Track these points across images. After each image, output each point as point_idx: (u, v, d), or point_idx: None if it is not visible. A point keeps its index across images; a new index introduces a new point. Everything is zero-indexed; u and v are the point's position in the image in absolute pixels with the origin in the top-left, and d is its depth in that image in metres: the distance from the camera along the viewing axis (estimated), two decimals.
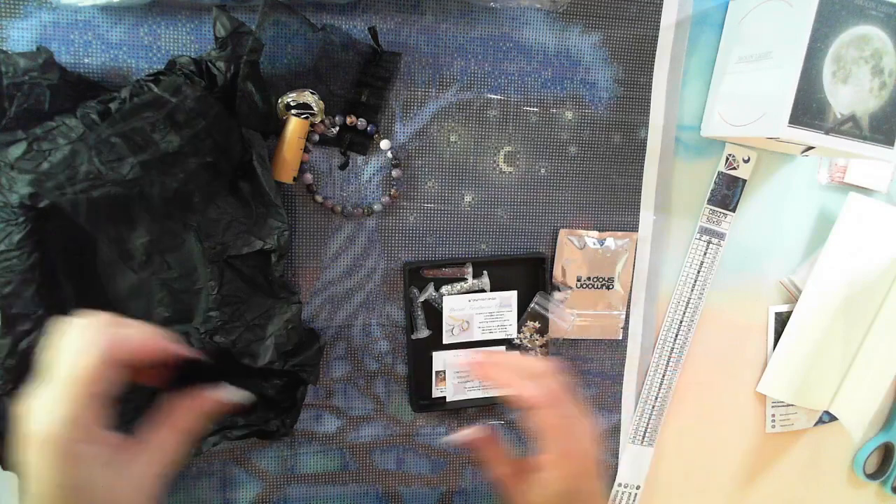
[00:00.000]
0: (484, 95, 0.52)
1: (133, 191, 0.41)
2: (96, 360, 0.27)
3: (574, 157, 0.55)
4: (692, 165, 0.58)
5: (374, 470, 0.55)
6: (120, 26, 0.45)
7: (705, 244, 0.59)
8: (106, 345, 0.28)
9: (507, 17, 0.52)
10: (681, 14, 0.55)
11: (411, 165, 0.52)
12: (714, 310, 0.60)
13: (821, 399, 0.62)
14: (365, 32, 0.48)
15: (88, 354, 0.27)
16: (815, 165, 0.60)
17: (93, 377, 0.27)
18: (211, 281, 0.45)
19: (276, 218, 0.45)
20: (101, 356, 0.28)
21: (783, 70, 0.47)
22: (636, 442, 0.60)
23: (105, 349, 0.28)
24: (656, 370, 0.59)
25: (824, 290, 0.60)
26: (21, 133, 0.40)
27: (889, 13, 0.47)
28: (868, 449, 0.67)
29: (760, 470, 0.65)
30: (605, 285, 0.57)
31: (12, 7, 0.43)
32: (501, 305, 0.55)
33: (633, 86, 0.55)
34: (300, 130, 0.46)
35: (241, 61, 0.42)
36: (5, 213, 0.40)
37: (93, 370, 0.27)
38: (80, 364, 0.27)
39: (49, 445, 0.26)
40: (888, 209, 0.60)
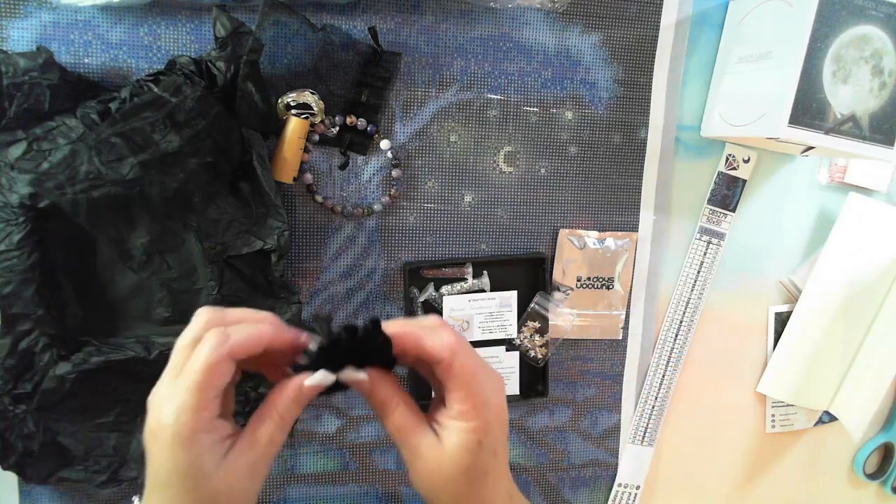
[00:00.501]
0: (484, 95, 0.52)
1: (133, 191, 0.41)
2: (216, 356, 0.29)
3: (574, 157, 0.55)
4: (692, 165, 0.58)
5: (374, 470, 0.55)
6: (120, 26, 0.45)
7: (705, 244, 0.59)
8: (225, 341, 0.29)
9: (507, 17, 0.52)
10: (681, 14, 0.55)
11: (411, 165, 0.52)
12: (714, 310, 0.60)
13: (821, 399, 0.62)
14: (365, 32, 0.48)
15: (209, 350, 0.29)
16: (815, 165, 0.60)
17: (212, 372, 0.29)
18: (211, 281, 0.45)
19: (276, 218, 0.45)
20: (220, 352, 0.29)
21: (783, 70, 0.47)
22: (636, 442, 0.60)
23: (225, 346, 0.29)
24: (656, 370, 0.59)
25: (824, 290, 0.60)
26: (21, 133, 0.40)
27: (889, 13, 0.47)
28: (868, 449, 0.67)
29: (760, 470, 0.65)
30: (605, 285, 0.57)
31: (12, 7, 0.43)
32: (501, 305, 0.55)
33: (633, 86, 0.55)
34: (300, 130, 0.46)
35: (241, 61, 0.42)
36: (5, 213, 0.40)
37: (212, 366, 0.29)
38: (200, 359, 0.29)
39: (169, 434, 0.28)
40: (888, 209, 0.60)
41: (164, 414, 0.29)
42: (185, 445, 0.29)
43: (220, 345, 0.29)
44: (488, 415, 0.32)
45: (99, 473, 0.45)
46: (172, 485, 0.29)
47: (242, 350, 0.30)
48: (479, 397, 0.32)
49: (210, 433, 0.29)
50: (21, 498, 0.48)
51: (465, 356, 0.32)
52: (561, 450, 0.59)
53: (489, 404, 0.33)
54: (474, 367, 0.32)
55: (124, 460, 0.46)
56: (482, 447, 0.32)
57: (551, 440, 0.58)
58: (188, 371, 0.29)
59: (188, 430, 0.28)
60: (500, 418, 0.33)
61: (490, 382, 0.33)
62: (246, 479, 0.30)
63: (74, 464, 0.45)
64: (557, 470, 0.59)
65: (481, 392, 0.32)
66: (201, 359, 0.29)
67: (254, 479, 0.31)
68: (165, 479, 0.29)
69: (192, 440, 0.29)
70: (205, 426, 0.29)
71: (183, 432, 0.28)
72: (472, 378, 0.32)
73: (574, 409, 0.59)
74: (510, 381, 0.56)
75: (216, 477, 0.29)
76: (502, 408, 0.34)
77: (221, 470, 0.29)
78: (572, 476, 0.60)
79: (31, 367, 0.42)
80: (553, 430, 0.58)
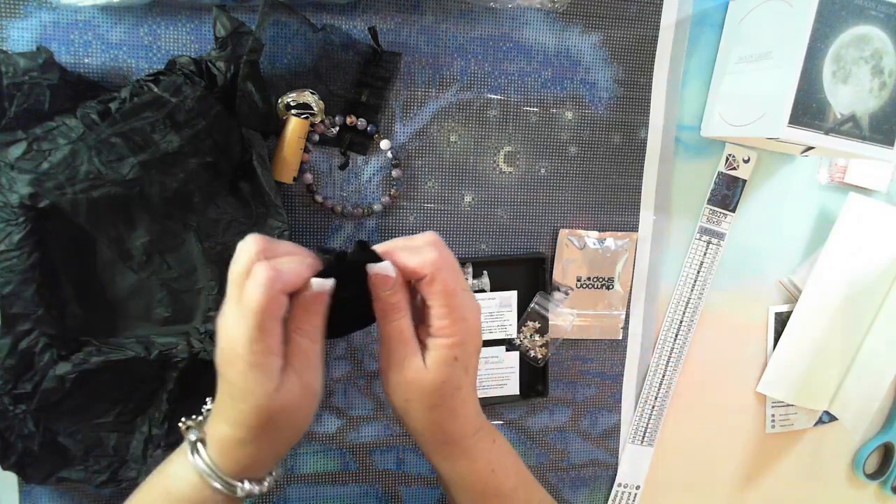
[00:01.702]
0: (484, 95, 0.52)
1: (133, 191, 0.41)
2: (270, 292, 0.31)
3: (574, 157, 0.55)
4: (692, 165, 0.58)
5: (374, 470, 0.55)
6: (120, 26, 0.45)
7: (705, 244, 0.59)
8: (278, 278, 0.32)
9: (507, 17, 0.52)
10: (681, 14, 0.55)
11: (411, 165, 0.52)
12: (714, 310, 0.60)
13: (821, 399, 0.62)
14: (365, 32, 0.48)
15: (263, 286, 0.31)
16: (815, 165, 0.60)
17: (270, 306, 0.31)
18: (211, 281, 0.45)
19: (276, 218, 0.45)
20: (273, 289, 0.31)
21: (783, 70, 0.47)
22: (636, 442, 0.60)
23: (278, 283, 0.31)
24: (656, 370, 0.59)
25: (824, 290, 0.60)
26: (21, 133, 0.40)
27: (889, 13, 0.47)
28: (868, 449, 0.67)
29: (760, 470, 0.65)
30: (605, 285, 0.57)
31: (12, 7, 0.43)
32: (501, 305, 0.55)
33: (633, 86, 0.55)
34: (300, 130, 0.46)
35: (241, 61, 0.42)
36: (5, 213, 0.40)
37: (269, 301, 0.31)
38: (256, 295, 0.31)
39: (244, 362, 0.31)
40: (888, 209, 0.60)
41: (236, 343, 0.31)
42: (256, 368, 0.31)
43: (270, 282, 0.31)
44: (464, 332, 0.35)
45: (99, 473, 0.45)
46: (245, 400, 0.32)
47: (293, 286, 0.33)
48: (457, 313, 0.35)
49: (278, 356, 0.32)
50: (21, 498, 0.48)
51: (447, 273, 0.34)
52: (561, 450, 0.59)
53: (466, 321, 0.35)
54: (454, 285, 0.35)
55: (124, 460, 0.46)
56: (457, 362, 0.35)
57: (551, 440, 0.58)
58: (248, 305, 0.31)
59: (259, 355, 0.31)
60: (475, 338, 0.37)
61: (468, 302, 0.36)
62: (302, 392, 0.33)
63: (74, 464, 0.45)
64: (557, 470, 0.59)
65: (459, 309, 0.35)
66: (256, 294, 0.31)
67: (309, 392, 0.34)
68: (240, 396, 0.32)
69: (260, 364, 0.31)
70: (274, 350, 0.32)
71: (255, 358, 0.31)
72: (452, 295, 0.35)
73: (574, 409, 0.59)
74: (510, 381, 0.56)
75: (280, 394, 0.32)
76: (477, 329, 0.37)
77: (283, 388, 0.32)
78: (572, 476, 0.60)
79: (31, 367, 0.42)
80: (553, 430, 0.58)
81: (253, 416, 0.32)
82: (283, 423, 0.33)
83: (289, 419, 0.34)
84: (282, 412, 0.33)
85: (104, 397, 0.44)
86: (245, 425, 0.33)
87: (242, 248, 0.33)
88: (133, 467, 0.46)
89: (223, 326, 0.32)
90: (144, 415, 0.46)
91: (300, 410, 0.34)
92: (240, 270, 0.32)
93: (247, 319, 0.31)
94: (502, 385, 0.56)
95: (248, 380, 0.32)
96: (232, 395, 0.33)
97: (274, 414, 0.32)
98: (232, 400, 0.33)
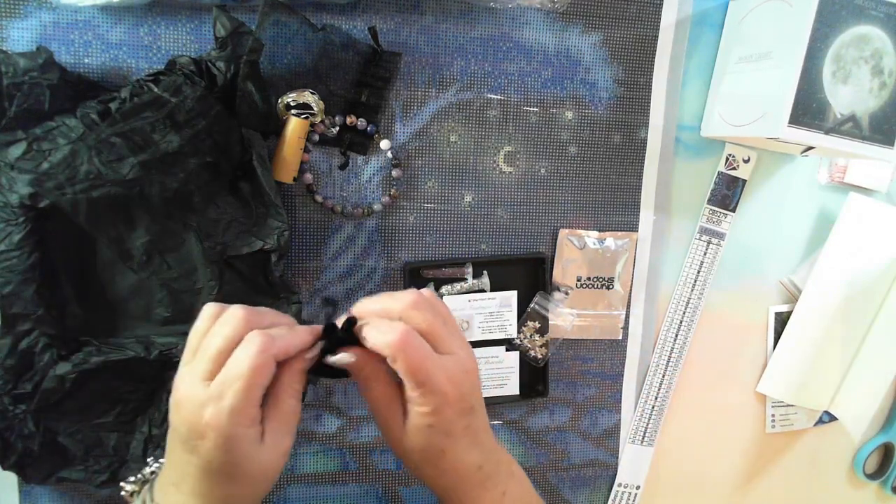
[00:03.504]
0: (484, 95, 0.52)
1: (133, 191, 0.41)
2: (264, 359, 0.31)
3: (574, 157, 0.55)
4: (692, 165, 0.58)
5: (374, 470, 0.55)
6: (120, 26, 0.45)
7: (705, 244, 0.59)
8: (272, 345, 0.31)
9: (507, 17, 0.52)
10: (681, 14, 0.55)
11: (411, 165, 0.52)
12: (714, 310, 0.60)
13: (821, 399, 0.62)
14: (365, 32, 0.48)
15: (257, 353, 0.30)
16: (815, 165, 0.60)
17: (260, 374, 0.31)
18: (211, 281, 0.45)
19: (276, 218, 0.45)
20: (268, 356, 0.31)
21: (783, 70, 0.47)
22: (636, 442, 0.60)
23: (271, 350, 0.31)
24: (656, 370, 0.59)
25: (824, 290, 0.60)
26: (21, 133, 0.40)
27: (889, 13, 0.47)
28: (868, 449, 0.67)
29: (760, 470, 0.65)
30: (605, 285, 0.57)
31: (12, 7, 0.43)
32: (501, 305, 0.55)
33: (633, 86, 0.55)
34: (300, 130, 0.46)
35: (241, 61, 0.42)
36: (5, 213, 0.40)
37: (260, 368, 0.30)
38: (247, 363, 0.30)
39: (220, 434, 0.30)
40: (888, 209, 0.60)
41: (211, 415, 0.30)
42: (236, 441, 0.31)
43: (266, 349, 0.31)
44: (437, 401, 0.34)
45: (99, 473, 0.45)
46: (224, 473, 0.31)
47: (284, 354, 0.32)
48: (426, 387, 0.34)
49: (254, 426, 0.32)
50: (21, 498, 0.48)
51: (409, 353, 0.33)
52: (561, 450, 0.59)
53: (437, 392, 0.34)
54: (420, 361, 0.33)
55: (124, 460, 0.46)
56: (433, 429, 0.35)
57: (551, 440, 0.58)
58: (235, 374, 0.30)
59: (239, 428, 0.30)
60: (454, 404, 0.35)
61: (440, 371, 0.34)
62: (282, 454, 0.33)
63: (74, 464, 0.45)
64: (557, 470, 0.59)
65: (429, 382, 0.34)
66: (248, 362, 0.30)
67: (286, 452, 0.34)
68: (217, 470, 0.31)
69: (242, 436, 0.31)
70: (251, 421, 0.31)
71: (235, 431, 0.30)
72: (417, 371, 0.33)
73: (574, 409, 0.59)
74: (510, 381, 0.56)
75: (260, 460, 0.32)
76: (458, 394, 0.35)
77: (263, 453, 0.32)
78: (572, 476, 0.60)
79: (31, 367, 0.42)
80: (553, 430, 0.58)
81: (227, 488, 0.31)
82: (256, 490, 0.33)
83: (262, 486, 0.33)
84: (259, 483, 0.32)
85: (104, 397, 0.44)
86: (213, 497, 0.32)
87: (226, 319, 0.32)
88: (133, 467, 0.46)
89: (189, 400, 0.31)
90: (144, 415, 0.46)
91: (275, 475, 0.33)
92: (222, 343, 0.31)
93: (233, 388, 0.30)
94: (502, 385, 0.56)
95: (228, 453, 0.31)
96: (202, 469, 0.31)
97: (251, 484, 0.32)
98: (201, 473, 0.31)
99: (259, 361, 0.30)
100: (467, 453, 0.36)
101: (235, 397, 0.30)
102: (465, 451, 0.36)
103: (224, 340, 0.31)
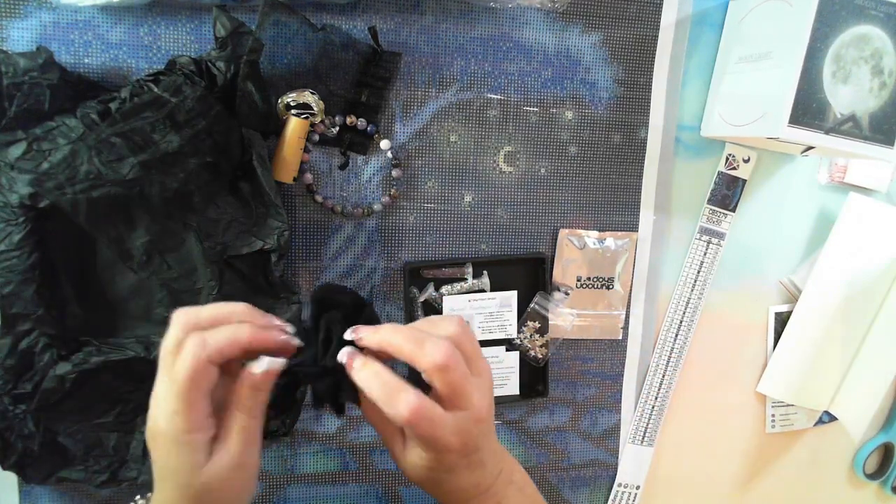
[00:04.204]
0: (484, 95, 0.52)
1: (133, 191, 0.41)
2: (195, 363, 0.30)
3: (574, 157, 0.55)
4: (692, 165, 0.58)
5: (374, 470, 0.55)
6: (120, 26, 0.45)
7: (705, 244, 0.59)
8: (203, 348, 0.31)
9: (507, 17, 0.52)
10: (681, 14, 0.55)
11: (411, 165, 0.52)
12: (714, 310, 0.60)
13: (821, 399, 0.62)
14: (365, 32, 0.48)
15: (189, 358, 0.30)
16: (815, 165, 0.60)
17: (195, 377, 0.30)
18: (211, 281, 0.45)
19: (276, 218, 0.45)
20: (198, 360, 0.30)
21: (783, 70, 0.47)
22: (636, 442, 0.60)
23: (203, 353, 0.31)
24: (656, 370, 0.59)
25: (824, 290, 0.60)
26: (21, 133, 0.40)
27: (889, 13, 0.47)
28: (868, 449, 0.67)
29: (760, 470, 0.65)
30: (605, 285, 0.57)
31: (12, 7, 0.43)
32: (501, 305, 0.55)
33: (633, 86, 0.55)
34: (300, 130, 0.46)
35: (241, 61, 0.42)
36: (5, 213, 0.40)
37: (193, 372, 0.30)
38: (182, 367, 0.30)
39: (165, 437, 0.31)
40: (888, 209, 0.60)
41: (159, 417, 0.31)
42: (179, 446, 0.31)
43: (197, 353, 0.31)
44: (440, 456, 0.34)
45: (99, 473, 0.45)
46: (169, 480, 0.32)
47: (221, 355, 0.31)
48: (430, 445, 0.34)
49: (202, 432, 0.31)
50: (21, 498, 0.48)
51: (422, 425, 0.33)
52: (561, 450, 0.59)
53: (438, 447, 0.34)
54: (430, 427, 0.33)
55: (124, 460, 0.46)
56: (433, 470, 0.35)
57: (551, 440, 0.58)
58: (174, 377, 0.31)
59: (181, 432, 0.31)
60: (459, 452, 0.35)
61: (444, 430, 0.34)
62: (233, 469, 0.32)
63: (74, 464, 0.45)
64: (557, 470, 0.59)
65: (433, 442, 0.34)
66: (182, 366, 0.30)
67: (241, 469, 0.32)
68: (164, 476, 0.32)
69: (186, 440, 0.31)
70: (197, 426, 0.31)
71: (177, 435, 0.31)
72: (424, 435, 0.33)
73: (574, 409, 0.59)
74: (510, 381, 0.56)
75: (207, 471, 0.31)
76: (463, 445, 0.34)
77: (212, 464, 0.31)
78: (572, 476, 0.60)
79: (31, 367, 0.42)
80: (553, 430, 0.58)
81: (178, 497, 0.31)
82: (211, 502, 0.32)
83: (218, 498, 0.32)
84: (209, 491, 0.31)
85: (104, 397, 0.44)
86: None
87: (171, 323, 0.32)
88: (133, 467, 0.46)
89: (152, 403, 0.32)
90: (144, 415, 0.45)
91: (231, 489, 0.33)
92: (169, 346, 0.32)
93: (172, 393, 0.30)
94: (502, 385, 0.56)
95: (171, 457, 0.31)
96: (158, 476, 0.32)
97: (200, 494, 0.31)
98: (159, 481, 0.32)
99: (190, 365, 0.30)
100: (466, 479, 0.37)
101: (173, 401, 0.30)
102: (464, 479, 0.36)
103: (168, 344, 0.32)
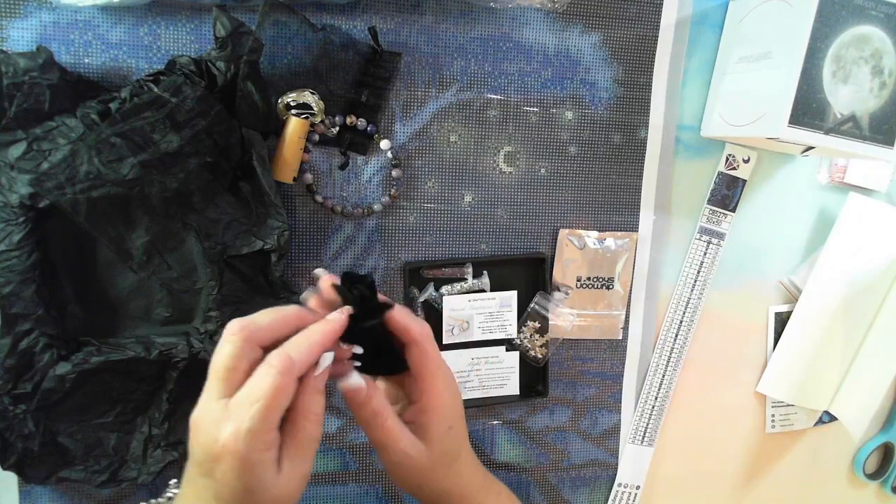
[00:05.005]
0: (484, 95, 0.52)
1: (133, 191, 0.41)
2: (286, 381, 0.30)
3: (574, 157, 0.55)
4: (692, 165, 0.58)
5: (374, 470, 0.55)
6: (120, 26, 0.45)
7: (705, 244, 0.59)
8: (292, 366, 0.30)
9: (507, 17, 0.52)
10: (681, 14, 0.55)
11: (411, 165, 0.52)
12: (714, 310, 0.60)
13: (821, 399, 0.62)
14: (365, 32, 0.48)
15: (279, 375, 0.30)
16: (815, 165, 0.60)
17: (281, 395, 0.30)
18: (211, 281, 0.45)
19: (276, 218, 0.45)
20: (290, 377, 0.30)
21: (783, 70, 0.47)
22: (636, 442, 0.60)
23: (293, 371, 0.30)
24: (656, 370, 0.59)
25: (824, 290, 0.60)
26: (21, 133, 0.40)
27: (889, 13, 0.47)
28: (868, 449, 0.67)
29: (760, 470, 0.65)
30: (605, 285, 0.57)
31: (12, 7, 0.43)
32: (501, 305, 0.55)
33: (633, 86, 0.55)
34: (300, 130, 0.46)
35: (241, 61, 0.42)
36: (5, 213, 0.40)
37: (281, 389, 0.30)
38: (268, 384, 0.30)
39: (237, 458, 0.29)
40: (888, 209, 0.60)
41: (227, 436, 0.29)
42: (253, 466, 0.30)
43: (288, 370, 0.30)
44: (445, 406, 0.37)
45: (99, 473, 0.45)
46: (238, 500, 0.30)
47: (305, 367, 0.31)
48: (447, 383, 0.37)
49: (274, 448, 0.31)
50: (21, 498, 0.48)
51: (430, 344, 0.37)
52: (561, 450, 0.59)
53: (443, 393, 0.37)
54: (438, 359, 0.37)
55: (124, 460, 0.46)
56: (452, 430, 0.37)
57: (551, 440, 0.58)
58: (254, 395, 0.30)
59: (256, 452, 0.30)
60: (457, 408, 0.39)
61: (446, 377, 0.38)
62: (302, 480, 0.32)
63: (74, 464, 0.45)
64: (557, 470, 0.59)
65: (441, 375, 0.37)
66: (266, 384, 0.30)
67: (304, 479, 0.33)
68: (232, 497, 0.30)
69: (259, 460, 0.30)
70: (271, 443, 0.30)
71: (252, 455, 0.29)
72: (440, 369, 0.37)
73: (574, 409, 0.59)
74: (510, 381, 0.56)
75: (277, 487, 0.31)
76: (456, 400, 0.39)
77: (281, 480, 0.31)
78: (572, 476, 0.60)
79: (31, 367, 0.42)
80: (553, 430, 0.58)
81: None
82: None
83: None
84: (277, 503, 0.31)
85: (104, 397, 0.44)
86: None
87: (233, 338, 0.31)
88: (133, 467, 0.46)
89: (204, 421, 0.30)
90: (144, 415, 0.46)
91: (296, 500, 0.32)
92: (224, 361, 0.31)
93: (250, 411, 0.29)
94: (502, 385, 0.56)
95: (243, 478, 0.30)
96: (219, 495, 0.31)
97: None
98: (216, 498, 0.31)
99: (280, 382, 0.30)
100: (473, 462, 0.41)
101: (253, 420, 0.29)
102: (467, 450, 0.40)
103: (227, 358, 0.31)
